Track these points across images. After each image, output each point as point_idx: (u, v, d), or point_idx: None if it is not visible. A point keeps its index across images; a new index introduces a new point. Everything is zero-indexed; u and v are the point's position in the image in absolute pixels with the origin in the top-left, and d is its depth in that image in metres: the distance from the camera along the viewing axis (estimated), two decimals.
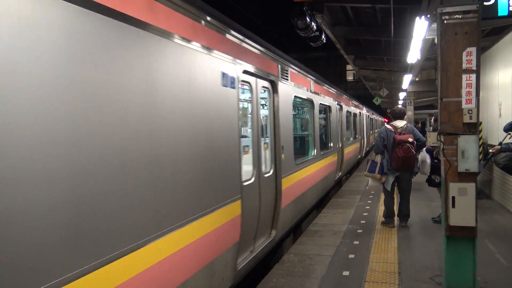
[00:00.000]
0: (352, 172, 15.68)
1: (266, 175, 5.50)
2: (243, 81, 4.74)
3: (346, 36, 13.09)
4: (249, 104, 5.20)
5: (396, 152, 6.71)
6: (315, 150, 8.74)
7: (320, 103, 9.45)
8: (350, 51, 14.88)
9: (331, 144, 10.77)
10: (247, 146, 5.04)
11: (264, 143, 5.62)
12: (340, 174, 12.31)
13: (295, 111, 7.51)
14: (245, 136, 5.07)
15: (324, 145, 10.20)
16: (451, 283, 4.26)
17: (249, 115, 5.23)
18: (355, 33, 12.66)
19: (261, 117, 5.56)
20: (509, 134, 6.45)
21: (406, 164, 6.80)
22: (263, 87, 5.57)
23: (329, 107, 10.69)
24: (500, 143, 6.35)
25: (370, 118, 26.52)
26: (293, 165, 6.69)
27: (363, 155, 20.10)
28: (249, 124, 5.24)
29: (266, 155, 5.69)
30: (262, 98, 5.64)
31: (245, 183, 4.66)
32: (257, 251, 5.07)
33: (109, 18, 2.46)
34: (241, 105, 4.76)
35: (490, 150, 6.41)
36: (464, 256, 4.21)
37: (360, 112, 18.85)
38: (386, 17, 10.34)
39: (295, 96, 7.11)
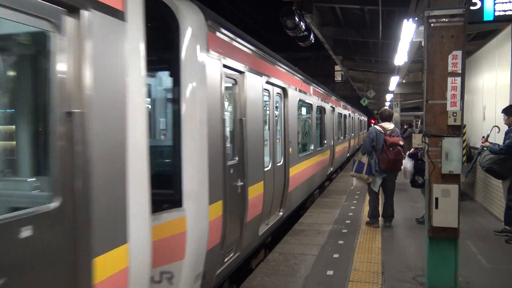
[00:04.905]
0: None
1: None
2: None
3: (335, 37, 13.15)
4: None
5: (387, 154, 6.74)
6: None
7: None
8: (339, 51, 14.96)
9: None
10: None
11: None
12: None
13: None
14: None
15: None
16: (433, 283, 4.31)
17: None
18: (344, 34, 12.72)
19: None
20: (496, 127, 6.52)
21: (395, 167, 6.89)
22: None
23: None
24: (487, 137, 6.42)
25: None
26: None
27: None
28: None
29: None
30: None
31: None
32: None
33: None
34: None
35: (482, 144, 6.48)
36: (446, 256, 4.27)
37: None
38: (374, 19, 10.43)
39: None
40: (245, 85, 4.93)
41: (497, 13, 5.01)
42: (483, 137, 6.55)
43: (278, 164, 6.59)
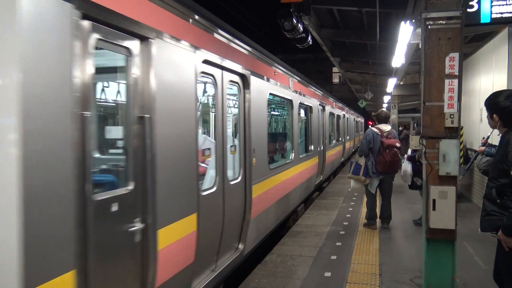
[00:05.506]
0: None
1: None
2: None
3: (332, 39, 13.19)
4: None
5: (384, 156, 6.79)
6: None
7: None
8: (336, 53, 14.99)
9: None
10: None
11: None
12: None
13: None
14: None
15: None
16: (431, 284, 4.32)
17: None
18: (341, 36, 12.76)
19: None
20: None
21: (392, 169, 6.92)
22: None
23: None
24: (485, 142, 6.42)
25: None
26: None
27: None
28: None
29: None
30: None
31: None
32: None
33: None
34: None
35: (478, 149, 6.49)
36: (444, 258, 4.27)
37: None
38: (372, 20, 10.47)
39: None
40: (152, 61, 3.06)
41: (493, 16, 5.03)
42: (483, 138, 6.57)
43: (233, 182, 4.82)
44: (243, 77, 5.09)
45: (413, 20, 6.76)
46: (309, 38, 9.98)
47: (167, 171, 3.27)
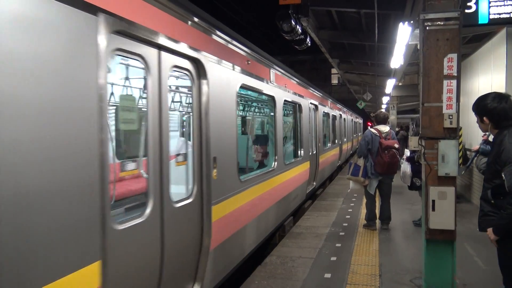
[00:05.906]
0: None
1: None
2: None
3: (331, 40, 13.22)
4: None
5: (382, 157, 6.79)
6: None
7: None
8: (335, 55, 15.02)
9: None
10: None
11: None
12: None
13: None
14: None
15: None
16: (431, 285, 4.32)
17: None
18: (340, 37, 12.79)
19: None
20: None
21: (390, 169, 6.92)
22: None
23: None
24: (487, 139, 6.43)
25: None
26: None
27: None
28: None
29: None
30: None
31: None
32: None
33: None
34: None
35: (472, 149, 6.48)
36: (443, 258, 4.27)
37: None
38: (370, 22, 10.49)
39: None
40: None
41: (491, 16, 5.04)
42: (484, 134, 6.56)
43: (181, 204, 3.58)
44: (197, 62, 3.85)
45: (412, 21, 6.77)
46: (308, 40, 10.00)
47: (23, 202, 1.96)
